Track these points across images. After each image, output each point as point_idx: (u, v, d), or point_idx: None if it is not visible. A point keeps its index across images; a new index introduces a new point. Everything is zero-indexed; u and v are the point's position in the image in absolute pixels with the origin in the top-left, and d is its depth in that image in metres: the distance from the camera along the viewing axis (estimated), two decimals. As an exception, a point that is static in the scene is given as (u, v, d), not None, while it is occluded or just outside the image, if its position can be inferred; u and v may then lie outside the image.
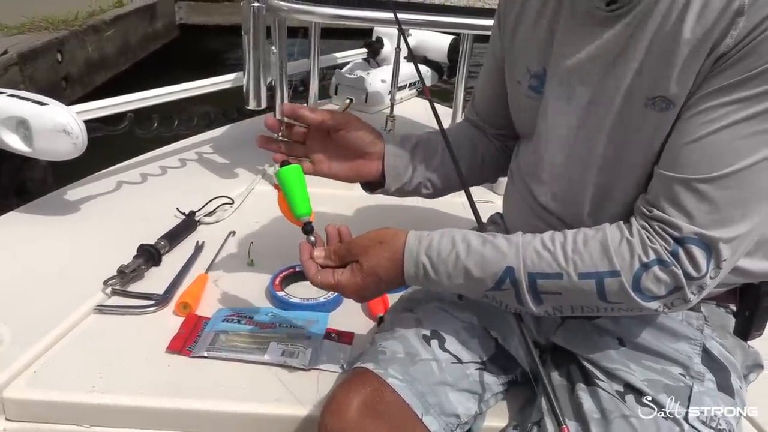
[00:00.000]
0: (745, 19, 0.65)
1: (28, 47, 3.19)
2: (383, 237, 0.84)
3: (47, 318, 1.15)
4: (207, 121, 2.14)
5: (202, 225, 1.57)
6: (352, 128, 0.98)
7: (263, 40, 1.66)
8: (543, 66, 0.91)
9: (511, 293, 0.77)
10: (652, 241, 0.71)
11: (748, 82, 0.66)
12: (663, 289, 0.71)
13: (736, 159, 0.68)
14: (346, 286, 0.85)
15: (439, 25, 1.62)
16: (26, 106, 1.42)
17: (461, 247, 0.79)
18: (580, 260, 0.74)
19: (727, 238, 0.69)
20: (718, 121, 0.68)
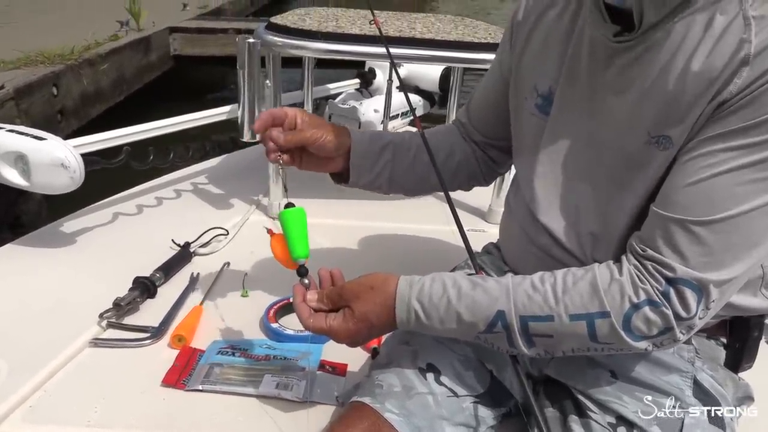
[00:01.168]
0: (749, 69, 0.67)
1: (24, 82, 3.22)
2: (374, 282, 0.84)
3: (43, 351, 1.15)
4: (202, 152, 2.17)
5: (197, 256, 1.58)
6: (317, 141, 1.00)
7: (258, 74, 1.69)
8: (550, 87, 0.92)
9: (503, 336, 0.77)
10: (642, 281, 0.72)
11: (749, 130, 0.67)
12: (653, 330, 0.72)
13: (732, 204, 0.69)
14: (338, 332, 0.84)
15: (430, 59, 1.65)
16: (25, 141, 1.44)
17: (452, 291, 0.79)
18: (570, 302, 0.74)
19: (719, 281, 0.70)
20: (717, 165, 0.69)
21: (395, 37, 1.59)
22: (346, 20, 1.78)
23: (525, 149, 0.99)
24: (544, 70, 0.93)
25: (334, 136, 1.02)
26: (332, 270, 0.92)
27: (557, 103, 0.90)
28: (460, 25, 1.87)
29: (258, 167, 2.07)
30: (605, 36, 0.80)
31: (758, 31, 0.67)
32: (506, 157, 1.13)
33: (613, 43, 0.79)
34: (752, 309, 0.86)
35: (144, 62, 5.35)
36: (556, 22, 0.92)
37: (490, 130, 1.10)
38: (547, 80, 0.92)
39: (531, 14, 0.98)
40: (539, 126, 0.94)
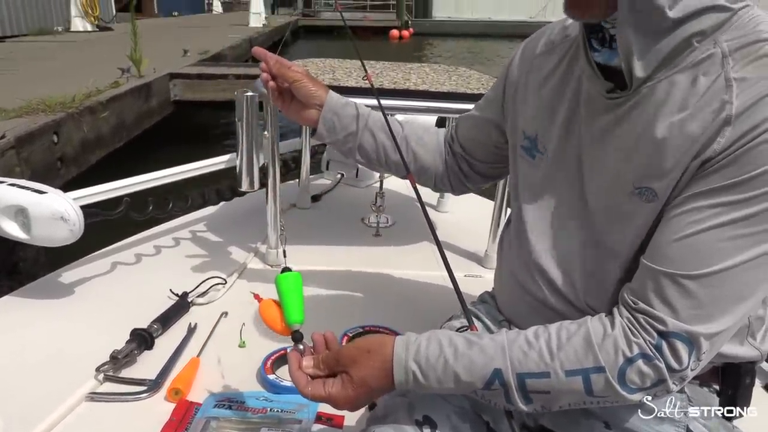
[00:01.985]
0: (731, 129, 0.69)
1: (25, 131, 3.26)
2: (370, 346, 0.84)
3: (40, 406, 1.15)
4: (200, 201, 2.19)
5: (195, 306, 1.59)
6: (296, 82, 1.12)
7: (256, 125, 1.73)
8: (536, 131, 0.95)
9: (501, 393, 0.78)
10: (635, 335, 0.73)
11: (733, 188, 0.69)
12: (647, 382, 0.73)
13: (719, 259, 0.70)
14: (338, 399, 0.84)
15: (423, 110, 1.70)
16: (25, 195, 1.46)
17: (448, 351, 0.80)
18: (565, 357, 0.75)
19: (709, 334, 0.72)
20: (703, 222, 0.71)
21: (389, 89, 1.63)
22: (343, 72, 1.83)
23: (519, 192, 1.02)
24: (535, 114, 0.96)
25: (315, 86, 1.14)
26: (325, 333, 0.92)
27: (553, 152, 0.93)
28: (454, 75, 1.92)
29: (256, 216, 2.09)
30: (599, 92, 0.83)
31: (739, 92, 0.69)
32: (476, 175, 1.21)
33: (606, 99, 0.82)
34: (740, 357, 0.87)
35: (144, 108, 5.43)
36: (553, 71, 0.95)
37: (470, 144, 1.17)
38: (535, 124, 0.95)
39: (528, 58, 1.01)
40: (528, 168, 0.97)
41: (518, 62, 1.03)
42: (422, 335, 0.84)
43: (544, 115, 0.94)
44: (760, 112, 0.67)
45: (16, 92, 4.23)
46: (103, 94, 4.61)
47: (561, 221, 0.92)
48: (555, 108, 0.92)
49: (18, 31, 10.24)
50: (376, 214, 2.22)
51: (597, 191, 0.84)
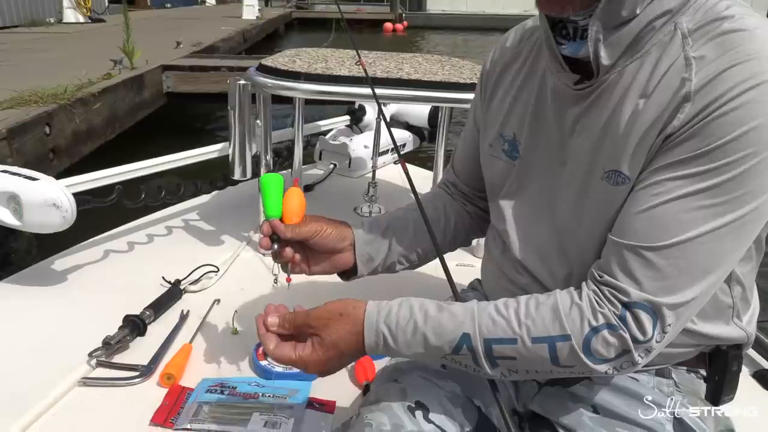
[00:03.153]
0: (690, 104, 0.71)
1: (17, 122, 3.25)
2: (343, 309, 0.84)
3: (33, 391, 1.15)
4: (193, 190, 2.19)
5: (187, 293, 1.59)
6: (319, 235, 1.03)
7: (248, 114, 1.73)
8: (514, 133, 0.96)
9: (469, 357, 0.79)
10: (601, 306, 0.75)
11: (693, 160, 0.71)
12: (612, 352, 0.74)
13: (680, 231, 0.72)
14: (309, 363, 0.84)
15: (416, 99, 1.70)
16: (17, 182, 1.46)
17: (419, 315, 0.81)
18: (532, 325, 0.76)
19: (672, 305, 0.73)
20: (665, 194, 0.73)
21: (382, 78, 1.64)
22: (335, 61, 1.83)
23: (496, 193, 1.03)
24: (510, 117, 0.97)
25: (334, 228, 1.05)
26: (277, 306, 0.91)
27: (525, 149, 0.94)
28: (447, 65, 1.92)
29: (248, 204, 2.09)
30: (566, 84, 0.84)
31: (698, 70, 0.71)
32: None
33: (573, 91, 0.83)
34: (727, 338, 0.88)
35: (137, 100, 5.40)
36: (519, 71, 0.97)
37: (477, 182, 1.12)
38: (512, 127, 0.97)
39: (497, 65, 1.03)
40: (507, 170, 0.98)
41: (490, 66, 1.05)
42: (394, 300, 0.84)
43: (519, 114, 0.95)
44: (719, 87, 0.69)
45: (8, 84, 4.20)
46: (96, 86, 4.59)
47: (538, 216, 0.93)
48: (525, 107, 0.94)
49: (10, 23, 10.16)
50: (369, 204, 2.23)
51: (570, 182, 0.85)
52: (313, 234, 1.02)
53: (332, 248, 1.05)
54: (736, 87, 0.68)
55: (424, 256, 1.12)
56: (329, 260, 1.06)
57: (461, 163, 1.17)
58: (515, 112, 0.96)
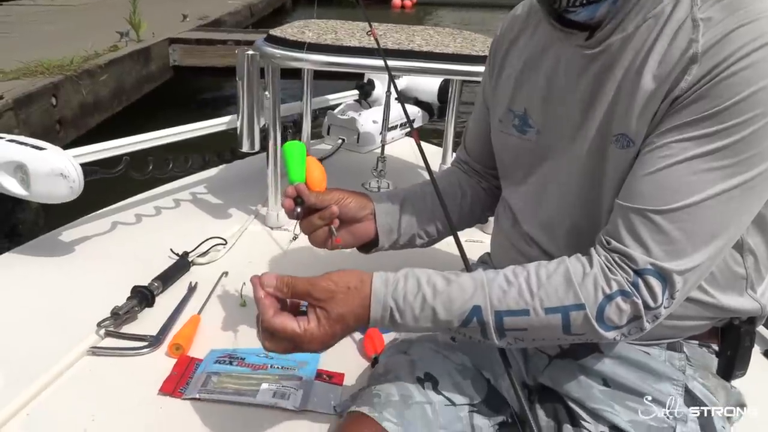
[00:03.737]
0: (698, 66, 0.70)
1: (23, 92, 3.24)
2: (349, 282, 0.80)
3: (41, 360, 1.15)
4: (201, 163, 2.18)
5: (195, 266, 1.59)
6: (341, 203, 1.03)
7: (257, 85, 1.71)
8: (525, 107, 0.95)
9: (477, 330, 0.78)
10: (613, 272, 0.73)
11: (701, 122, 0.70)
12: (624, 319, 0.73)
13: (688, 193, 0.71)
14: (315, 337, 0.78)
15: (428, 72, 1.67)
16: (24, 151, 1.45)
17: (427, 289, 0.78)
18: (545, 295, 0.75)
19: (681, 270, 0.72)
20: (673, 156, 0.71)
21: (393, 49, 1.61)
22: (345, 32, 1.80)
23: (507, 168, 1.03)
24: (520, 91, 0.96)
25: (355, 197, 1.05)
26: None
27: (538, 123, 0.93)
28: (459, 37, 1.89)
29: (256, 177, 2.08)
30: (578, 46, 0.83)
31: (705, 31, 0.70)
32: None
33: (585, 52, 0.82)
34: (740, 310, 0.87)
35: (143, 73, 5.38)
36: (528, 43, 0.96)
37: (488, 159, 1.11)
38: (522, 102, 0.95)
39: (506, 38, 1.02)
40: (519, 146, 0.97)
41: (500, 39, 1.04)
42: (399, 272, 0.81)
43: (530, 88, 0.94)
44: (726, 48, 0.68)
45: (14, 55, 4.18)
46: (102, 58, 4.57)
47: (549, 188, 0.92)
48: (536, 80, 0.93)
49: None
50: (377, 179, 2.21)
51: (585, 150, 0.84)
52: (336, 201, 1.02)
53: (353, 216, 1.05)
54: (744, 47, 0.67)
55: (443, 230, 1.11)
56: (351, 231, 1.06)
57: (472, 141, 1.17)
58: (525, 86, 0.95)
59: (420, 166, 2.50)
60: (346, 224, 1.05)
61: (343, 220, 1.04)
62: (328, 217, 1.01)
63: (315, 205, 1.01)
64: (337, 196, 1.03)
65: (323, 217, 1.01)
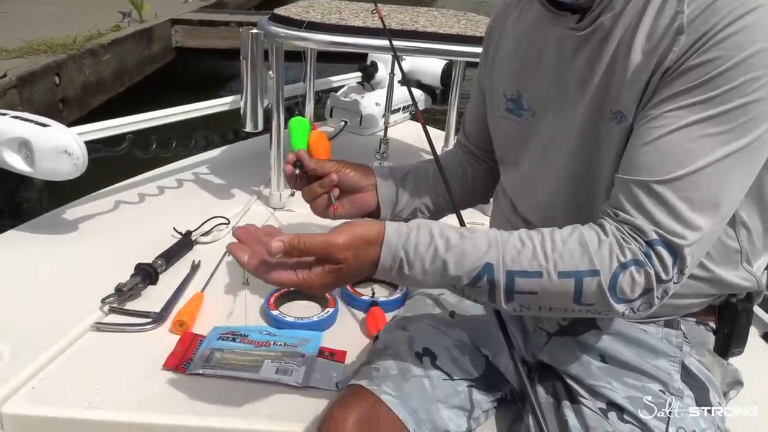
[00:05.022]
0: (685, 36, 0.70)
1: (26, 70, 3.23)
2: (367, 235, 0.75)
3: (46, 335, 1.17)
4: (204, 143, 2.18)
5: (199, 244, 1.60)
6: (342, 171, 1.02)
7: (261, 65, 1.70)
8: (517, 90, 0.95)
9: (484, 291, 0.75)
10: (627, 242, 0.72)
11: (694, 90, 0.70)
12: (636, 291, 0.72)
13: (687, 161, 0.70)
14: (316, 285, 0.75)
15: (433, 52, 1.67)
16: (29, 128, 1.45)
17: (440, 242, 0.75)
18: (560, 259, 0.72)
19: (688, 243, 0.71)
20: (669, 125, 0.71)
21: (398, 30, 1.60)
22: (349, 13, 1.79)
23: (504, 152, 1.03)
24: (512, 74, 0.96)
25: (356, 168, 1.04)
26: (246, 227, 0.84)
27: (531, 105, 0.93)
28: (463, 19, 1.88)
29: (259, 158, 2.08)
30: (568, 28, 0.83)
31: (690, 2, 0.71)
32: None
33: (576, 33, 0.82)
34: (737, 285, 0.87)
35: (146, 54, 5.36)
36: (518, 27, 0.96)
37: (487, 143, 1.11)
38: (515, 84, 0.95)
39: (499, 23, 1.02)
40: (512, 128, 0.97)
41: (493, 24, 1.04)
42: (411, 222, 0.78)
43: (522, 71, 0.94)
44: (711, 17, 0.69)
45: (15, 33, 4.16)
46: (105, 38, 4.56)
47: (545, 172, 0.92)
48: (531, 62, 0.92)
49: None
50: (380, 162, 2.21)
51: (580, 129, 0.84)
52: (336, 169, 1.01)
53: (354, 185, 1.04)
54: (730, 14, 0.68)
55: (446, 207, 1.11)
56: (352, 201, 1.05)
57: (470, 125, 1.17)
58: (518, 69, 0.95)
59: (422, 149, 2.50)
60: (347, 194, 1.04)
61: (344, 189, 1.03)
62: (328, 184, 1.01)
63: (315, 171, 1.01)
64: (338, 164, 1.03)
65: (323, 185, 1.01)
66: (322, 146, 1.07)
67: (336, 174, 1.01)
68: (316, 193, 1.02)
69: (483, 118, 1.09)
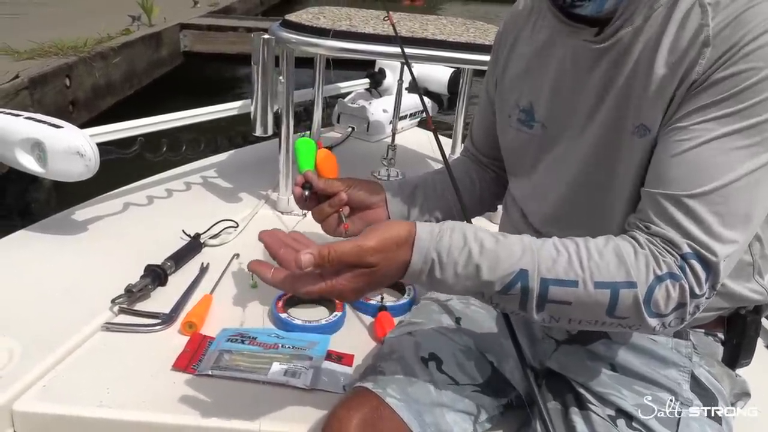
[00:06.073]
0: (711, 49, 0.71)
1: (38, 72, 3.27)
2: (399, 236, 0.72)
3: (57, 334, 1.18)
4: (213, 147, 2.20)
5: (207, 247, 1.61)
6: (351, 189, 1.03)
7: (272, 70, 1.72)
8: (530, 101, 0.95)
9: (516, 299, 0.73)
10: (662, 254, 0.71)
11: (723, 102, 0.70)
12: (670, 306, 0.70)
13: (717, 174, 0.70)
14: (346, 291, 0.73)
15: (442, 60, 1.68)
16: (42, 129, 1.47)
17: (474, 245, 0.72)
18: (596, 269, 0.70)
19: (721, 258, 0.70)
20: (697, 138, 0.71)
21: (407, 37, 1.62)
22: (360, 19, 1.80)
23: (513, 162, 1.03)
24: (525, 86, 0.97)
25: (365, 184, 1.05)
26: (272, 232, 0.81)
27: (544, 117, 0.93)
28: (472, 27, 1.89)
29: (268, 162, 2.10)
30: (587, 41, 0.83)
31: (714, 15, 0.71)
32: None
33: (593, 46, 0.82)
34: (749, 298, 0.88)
35: (155, 57, 5.40)
36: (531, 38, 0.96)
37: (495, 151, 1.11)
38: (528, 96, 0.96)
39: (510, 33, 1.02)
40: (524, 140, 0.97)
41: (503, 34, 1.04)
42: (444, 224, 0.75)
43: (536, 82, 0.94)
44: (738, 30, 0.69)
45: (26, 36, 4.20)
46: (115, 41, 4.59)
47: (557, 184, 0.92)
48: (545, 73, 0.93)
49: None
50: (387, 168, 2.22)
51: (597, 144, 0.85)
52: (345, 187, 1.02)
53: (363, 202, 1.04)
54: (757, 27, 0.68)
55: (455, 217, 1.11)
56: (362, 218, 1.05)
57: (478, 134, 1.18)
58: (531, 81, 0.96)
59: (429, 156, 2.51)
60: (357, 211, 1.05)
61: (354, 206, 1.04)
62: (337, 203, 1.01)
63: (324, 191, 1.01)
64: (346, 183, 1.03)
65: (333, 204, 1.01)
66: (330, 165, 1.08)
67: (345, 192, 1.01)
68: (327, 213, 1.02)
69: (491, 126, 1.09)
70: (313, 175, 1.02)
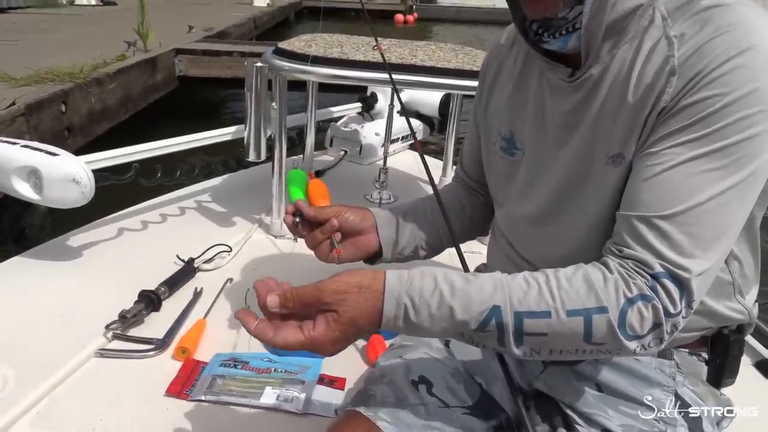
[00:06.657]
0: (677, 77, 0.74)
1: (34, 99, 3.29)
2: (361, 282, 0.75)
3: (50, 361, 1.19)
4: (207, 171, 2.22)
5: (201, 272, 1.62)
6: (341, 215, 1.04)
7: (264, 96, 1.75)
8: (510, 129, 0.98)
9: (493, 335, 0.74)
10: (632, 277, 0.73)
11: (690, 127, 0.73)
12: (645, 327, 0.72)
13: (688, 196, 0.72)
14: (323, 343, 0.74)
15: (431, 86, 1.71)
16: (38, 156, 1.49)
17: (444, 287, 0.74)
18: (567, 297, 0.72)
19: (695, 274, 0.72)
20: (668, 162, 0.74)
21: (397, 63, 1.65)
22: (351, 47, 1.84)
23: (497, 189, 1.06)
24: (507, 115, 0.99)
25: (355, 211, 1.06)
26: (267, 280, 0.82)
27: (524, 146, 0.96)
28: (461, 53, 1.93)
29: (261, 187, 2.12)
30: (561, 79, 0.86)
31: (680, 46, 0.74)
32: None
33: (567, 83, 0.86)
34: (731, 318, 0.89)
35: (150, 82, 5.44)
36: (514, 68, 1.00)
37: (483, 177, 1.13)
38: (509, 125, 0.99)
39: (494, 64, 1.05)
40: (507, 167, 1.00)
41: (487, 65, 1.07)
42: (413, 269, 0.77)
43: (515, 111, 0.97)
44: (702, 59, 0.72)
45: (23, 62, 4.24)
46: (111, 66, 4.63)
47: (539, 211, 0.94)
48: (523, 103, 0.96)
49: (23, 3, 10.20)
50: (379, 190, 2.24)
51: (574, 172, 0.87)
52: (335, 214, 1.03)
53: (354, 228, 1.06)
54: (721, 55, 0.71)
55: (443, 243, 1.13)
56: (354, 244, 1.06)
57: (467, 160, 1.20)
58: (512, 110, 0.98)
59: (420, 178, 2.54)
60: (348, 237, 1.06)
61: (345, 232, 1.06)
62: (329, 230, 1.03)
63: (314, 218, 1.03)
64: (336, 209, 1.05)
65: (324, 231, 1.03)
66: (320, 193, 1.11)
67: (336, 219, 1.03)
68: (319, 240, 1.03)
69: (478, 152, 1.11)
70: (303, 203, 1.04)
